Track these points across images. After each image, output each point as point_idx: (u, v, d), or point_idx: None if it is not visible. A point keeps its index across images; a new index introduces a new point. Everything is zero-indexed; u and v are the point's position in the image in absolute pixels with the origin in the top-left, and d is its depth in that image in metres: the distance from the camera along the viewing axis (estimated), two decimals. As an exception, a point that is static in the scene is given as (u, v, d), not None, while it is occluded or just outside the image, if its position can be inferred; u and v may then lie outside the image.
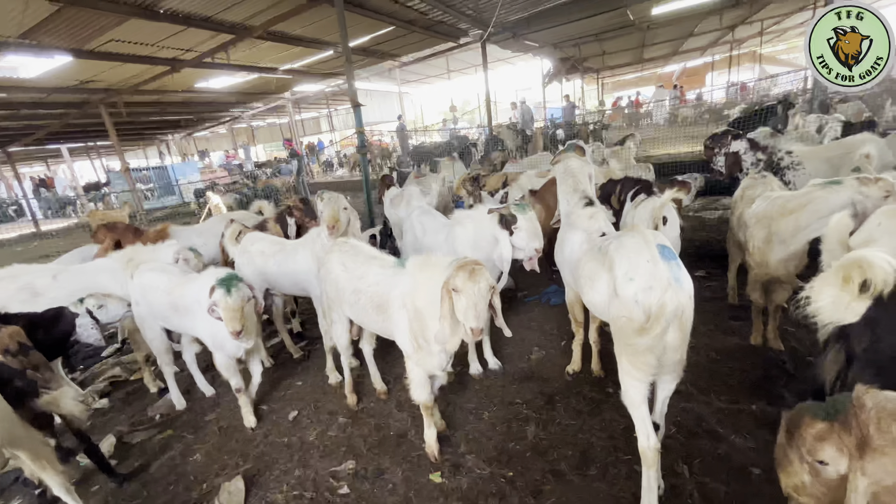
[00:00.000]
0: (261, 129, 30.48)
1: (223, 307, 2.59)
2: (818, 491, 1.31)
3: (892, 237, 2.09)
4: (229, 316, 2.58)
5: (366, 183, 7.24)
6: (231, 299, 2.59)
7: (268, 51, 10.09)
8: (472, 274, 2.07)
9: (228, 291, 2.58)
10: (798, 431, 1.32)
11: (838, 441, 1.24)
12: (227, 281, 2.62)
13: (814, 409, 1.33)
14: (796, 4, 14.21)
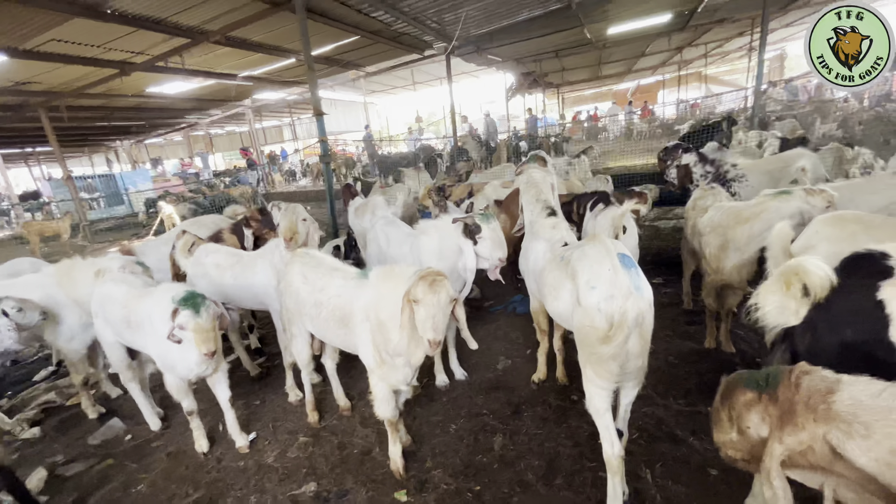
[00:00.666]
0: (219, 137, 29.38)
1: (194, 329, 2.40)
2: (742, 447, 1.51)
3: (829, 243, 2.24)
4: (202, 338, 2.41)
5: (329, 192, 7.09)
6: (202, 319, 2.41)
7: (226, 56, 9.77)
8: (433, 285, 2.04)
9: (197, 311, 2.41)
10: (730, 397, 1.51)
11: (763, 411, 1.42)
12: (192, 300, 2.43)
13: (748, 379, 1.49)
14: (734, 30, 15.40)
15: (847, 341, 1.56)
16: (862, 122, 8.36)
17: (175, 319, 2.42)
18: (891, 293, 1.52)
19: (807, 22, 16.44)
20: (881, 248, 1.65)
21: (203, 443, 2.93)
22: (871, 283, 1.55)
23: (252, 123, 18.12)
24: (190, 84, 12.23)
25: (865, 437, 1.21)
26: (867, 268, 1.61)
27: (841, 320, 1.57)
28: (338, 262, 2.77)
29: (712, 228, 3.20)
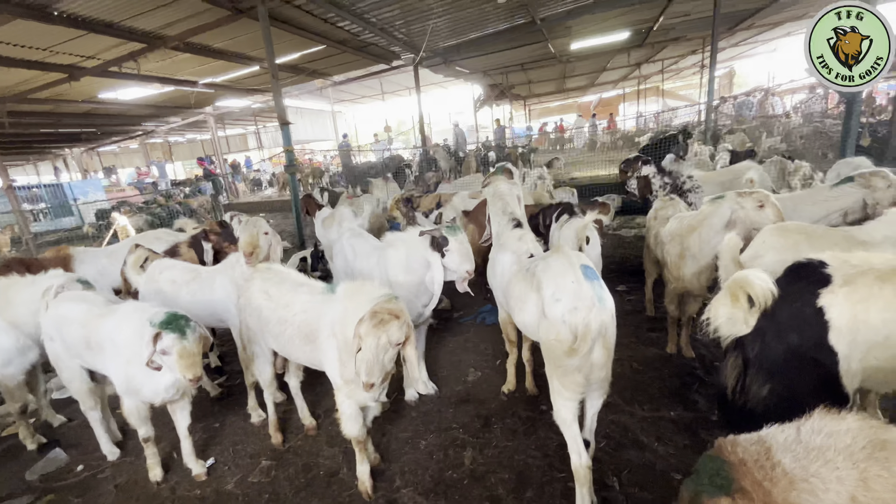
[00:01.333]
0: (179, 146, 28.25)
1: (180, 354, 2.21)
2: None
3: (775, 252, 2.37)
4: (187, 363, 2.22)
5: (295, 203, 6.94)
6: (188, 343, 2.23)
7: (185, 63, 9.45)
8: (380, 324, 1.98)
9: (183, 334, 2.23)
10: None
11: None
12: (175, 322, 2.26)
13: (705, 488, 1.25)
14: (688, 48, 16.35)
15: (792, 346, 1.64)
16: (803, 137, 8.99)
17: (157, 344, 2.23)
18: (829, 300, 1.61)
19: (753, 42, 17.67)
20: (820, 256, 1.75)
21: (157, 472, 2.74)
22: (812, 291, 1.65)
23: (214, 132, 17.53)
24: (146, 90, 11.73)
25: (825, 490, 1.11)
26: (808, 276, 1.71)
27: (786, 327, 1.65)
28: (303, 277, 2.69)
29: (672, 237, 3.33)
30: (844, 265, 1.68)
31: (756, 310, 1.64)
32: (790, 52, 21.49)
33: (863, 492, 1.06)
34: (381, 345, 1.97)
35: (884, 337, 1.56)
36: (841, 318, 1.58)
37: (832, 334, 1.59)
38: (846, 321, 1.58)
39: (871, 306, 1.57)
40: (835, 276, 1.65)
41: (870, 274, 1.62)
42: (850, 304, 1.59)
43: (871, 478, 1.06)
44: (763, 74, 22.17)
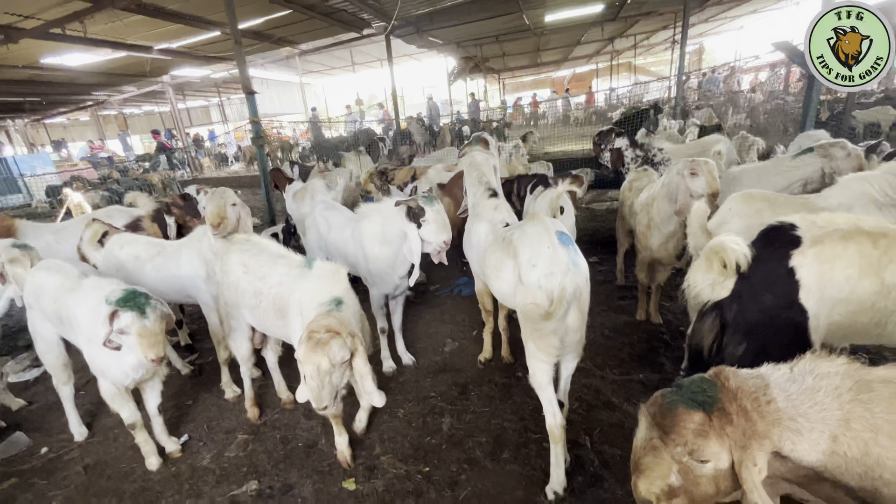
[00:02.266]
0: (136, 118, 26.62)
1: (139, 333, 2.08)
2: (690, 492, 1.20)
3: (740, 218, 2.46)
4: (149, 342, 2.09)
5: (263, 177, 6.69)
6: (149, 322, 2.10)
7: (137, 25, 8.74)
8: (317, 346, 1.84)
9: (143, 312, 2.09)
10: (676, 429, 1.18)
11: (720, 434, 1.14)
12: (133, 299, 2.12)
13: (683, 400, 1.20)
14: (660, 23, 16.39)
15: (767, 306, 1.71)
16: (766, 112, 9.29)
17: (114, 323, 2.09)
18: (799, 261, 1.68)
19: (722, 18, 17.89)
20: (790, 219, 1.82)
21: (154, 460, 2.59)
22: (784, 253, 1.71)
23: (174, 103, 16.50)
24: (95, 56, 10.86)
25: (810, 429, 1.11)
26: (779, 239, 1.77)
27: (761, 288, 1.72)
28: (282, 250, 2.60)
29: (641, 208, 3.41)
30: (812, 226, 1.74)
31: (733, 273, 1.70)
32: (756, 29, 22.00)
33: (844, 431, 1.09)
34: (323, 369, 1.83)
35: (847, 293, 1.65)
36: (810, 277, 1.66)
37: (802, 293, 1.66)
38: (815, 280, 1.66)
39: (836, 265, 1.65)
40: (804, 238, 1.72)
41: (835, 234, 1.69)
42: (818, 263, 1.66)
43: (854, 418, 1.09)
44: (730, 51, 22.62)
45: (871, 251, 1.64)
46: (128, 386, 2.44)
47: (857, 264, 1.65)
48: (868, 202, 2.51)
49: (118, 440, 2.90)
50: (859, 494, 1.11)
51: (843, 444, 1.08)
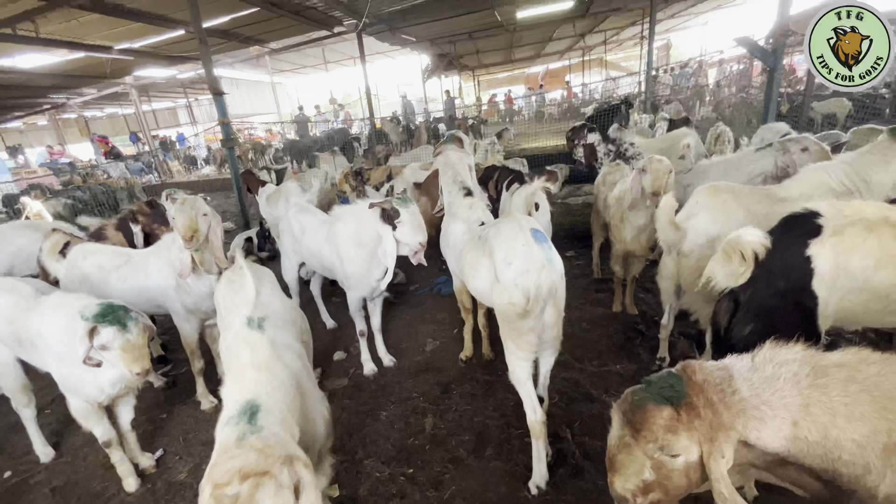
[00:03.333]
0: (98, 121, 25.50)
1: (122, 348, 2.01)
2: (663, 486, 1.22)
3: (706, 211, 2.54)
4: (133, 356, 2.02)
5: (236, 181, 6.52)
6: (132, 335, 2.03)
7: (95, 25, 8.38)
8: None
9: (124, 326, 2.02)
10: (646, 425, 1.19)
11: (689, 428, 1.16)
12: (112, 314, 2.04)
13: (653, 396, 1.22)
14: (628, 20, 16.73)
15: (780, 290, 1.76)
16: (731, 105, 9.60)
17: (94, 339, 2.01)
18: (816, 250, 1.73)
19: (687, 14, 18.38)
20: (817, 206, 1.85)
21: (131, 481, 2.48)
22: (803, 241, 1.76)
23: (138, 105, 15.89)
24: (51, 57, 10.37)
25: (772, 417, 1.14)
26: (800, 227, 1.82)
27: (775, 274, 1.76)
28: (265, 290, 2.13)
29: (615, 202, 3.48)
30: (838, 215, 1.78)
31: (751, 263, 1.72)
32: (719, 25, 22.73)
33: (804, 416, 1.13)
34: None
35: (861, 283, 1.71)
36: (825, 267, 1.71)
37: (815, 280, 1.72)
38: (830, 269, 1.70)
39: (853, 256, 1.69)
40: (825, 227, 1.76)
41: (859, 224, 1.73)
42: (835, 253, 1.71)
43: (812, 403, 1.13)
44: (696, 46, 23.27)
45: (891, 244, 1.69)
46: (102, 403, 2.35)
47: (876, 256, 1.69)
48: (826, 191, 2.63)
49: (87, 459, 2.79)
50: (822, 476, 1.15)
51: (804, 429, 1.12)
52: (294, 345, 1.89)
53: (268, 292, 2.09)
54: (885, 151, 2.59)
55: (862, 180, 2.61)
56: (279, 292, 2.23)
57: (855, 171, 2.63)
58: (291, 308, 2.14)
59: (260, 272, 2.30)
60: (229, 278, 2.24)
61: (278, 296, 2.17)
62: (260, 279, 2.13)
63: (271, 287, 2.21)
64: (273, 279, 2.35)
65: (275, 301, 2.06)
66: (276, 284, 2.32)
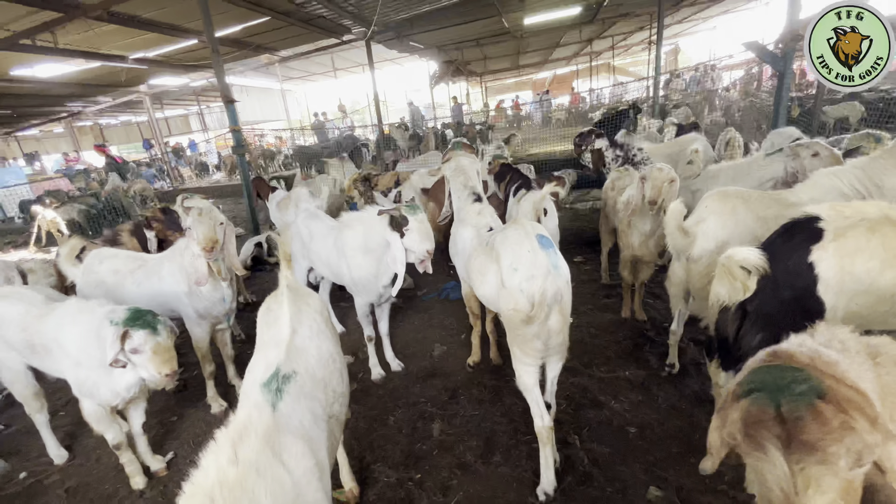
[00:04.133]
0: (113, 129, 26.02)
1: (153, 350, 2.10)
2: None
3: (715, 216, 2.53)
4: (164, 358, 2.12)
5: (246, 187, 6.61)
6: (162, 338, 2.13)
7: (111, 35, 8.60)
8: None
9: (155, 329, 2.11)
10: (827, 436, 0.87)
11: (864, 422, 0.88)
12: (142, 318, 2.12)
13: (793, 397, 0.94)
14: (636, 24, 16.69)
15: (786, 298, 1.76)
16: (740, 110, 9.52)
17: (126, 343, 2.09)
18: (819, 255, 1.72)
19: (696, 19, 18.29)
20: (816, 210, 1.84)
21: (139, 479, 2.54)
22: (805, 248, 1.75)
23: (151, 112, 16.21)
24: (68, 66, 10.63)
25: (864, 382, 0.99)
26: (801, 233, 1.81)
27: (780, 283, 1.75)
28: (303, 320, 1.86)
29: (622, 207, 3.47)
30: (839, 217, 1.77)
31: (754, 276, 1.71)
32: (729, 29, 22.58)
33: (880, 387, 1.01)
34: None
35: (867, 285, 1.69)
36: (829, 271, 1.69)
37: (820, 286, 1.70)
38: (834, 273, 1.69)
39: (857, 258, 1.68)
40: (826, 231, 1.74)
41: (861, 226, 1.71)
42: (838, 257, 1.69)
43: (882, 375, 1.04)
44: (705, 51, 23.18)
45: (894, 244, 1.67)
46: (116, 406, 2.40)
47: (880, 257, 1.68)
48: (837, 196, 2.60)
49: (100, 461, 2.83)
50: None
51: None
52: (313, 430, 1.42)
53: (306, 334, 1.69)
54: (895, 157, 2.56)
55: (875, 185, 2.58)
56: (322, 330, 1.81)
57: (867, 175, 2.60)
58: (330, 358, 1.72)
59: (303, 301, 1.89)
60: (268, 305, 1.89)
61: (319, 338, 1.74)
62: (300, 311, 1.78)
63: (312, 324, 1.77)
64: (318, 309, 1.93)
65: (311, 347, 1.66)
66: (322, 317, 1.90)
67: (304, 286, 2.13)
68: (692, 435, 2.46)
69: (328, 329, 1.88)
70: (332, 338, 1.87)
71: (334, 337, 1.92)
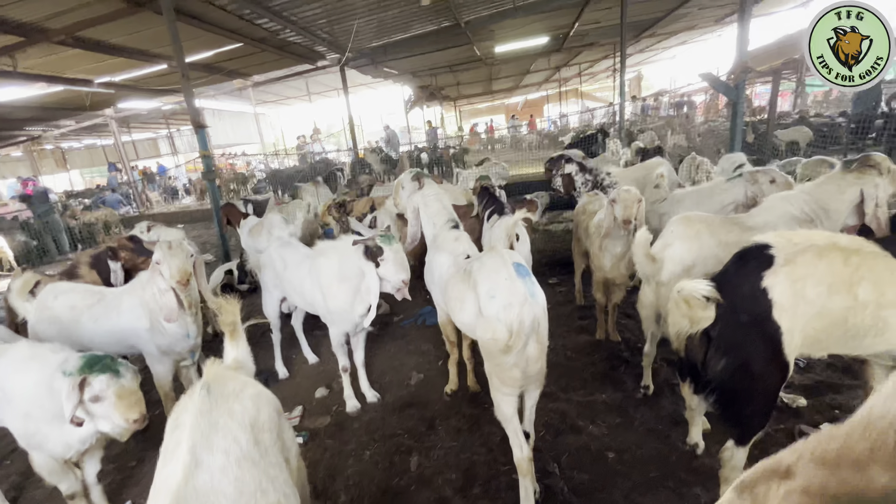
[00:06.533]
0: (76, 152, 25.09)
1: (118, 395, 1.91)
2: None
3: (680, 241, 2.62)
4: (129, 402, 1.93)
5: (216, 212, 6.45)
6: (126, 380, 1.96)
7: (76, 59, 8.39)
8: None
9: (117, 373, 1.94)
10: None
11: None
12: (99, 362, 1.95)
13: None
14: (601, 53, 17.59)
15: (744, 324, 1.80)
16: (700, 134, 10.06)
17: (85, 392, 1.90)
18: (771, 281, 1.78)
19: (656, 49, 19.40)
20: (766, 239, 1.92)
21: None
22: (757, 274, 1.81)
23: (118, 136, 15.75)
24: (29, 90, 10.29)
25: None
26: (753, 260, 1.87)
27: (739, 308, 1.80)
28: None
29: (594, 231, 3.56)
30: (788, 244, 1.84)
31: (711, 307, 1.75)
32: (687, 58, 24.13)
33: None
34: None
35: (819, 308, 1.76)
36: (783, 296, 1.75)
37: (776, 311, 1.75)
38: (787, 298, 1.74)
39: (808, 282, 1.74)
40: (777, 257, 1.81)
41: (810, 251, 1.79)
42: (790, 282, 1.76)
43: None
44: (666, 78, 24.57)
45: (841, 269, 1.75)
46: (69, 459, 2.22)
47: (828, 281, 1.75)
48: (789, 219, 2.75)
49: (50, 514, 2.61)
50: None
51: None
52: None
53: (218, 465, 1.21)
54: (839, 182, 2.73)
55: (822, 209, 2.74)
56: (248, 454, 1.30)
57: (815, 199, 2.76)
58: (260, 493, 1.23)
59: (227, 406, 1.38)
60: (175, 416, 1.43)
61: (241, 467, 1.24)
62: (215, 428, 1.29)
63: (231, 447, 1.27)
64: (249, 419, 1.39)
65: (225, 486, 1.18)
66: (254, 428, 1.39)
67: (241, 374, 1.67)
68: (669, 457, 2.47)
69: (265, 445, 1.38)
70: (273, 455, 1.39)
71: (277, 450, 1.44)
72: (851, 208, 2.69)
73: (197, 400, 1.37)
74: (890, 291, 1.75)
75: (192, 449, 1.22)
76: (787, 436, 2.49)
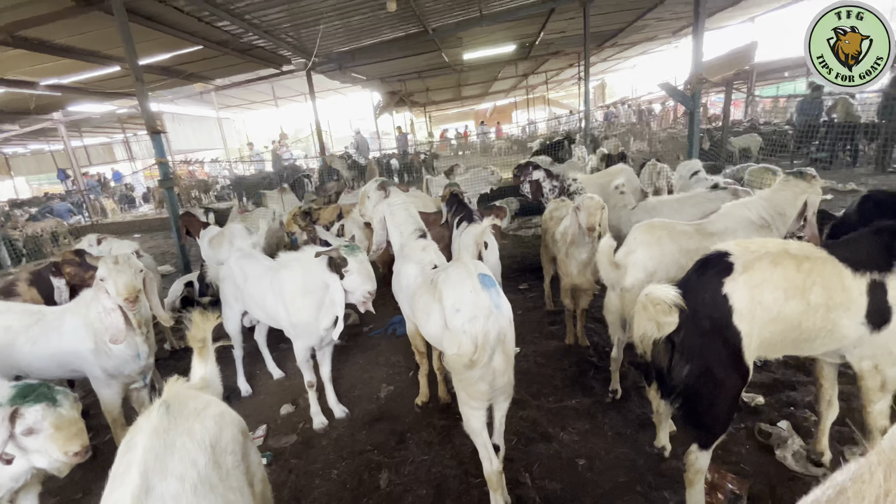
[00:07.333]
0: (20, 158, 23.53)
1: (55, 426, 1.72)
2: None
3: (643, 247, 2.67)
4: (70, 433, 1.73)
5: (175, 221, 6.15)
6: (64, 408, 1.76)
7: (16, 60, 7.86)
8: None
9: (55, 402, 1.74)
10: None
11: None
12: (34, 391, 1.75)
13: None
14: (566, 62, 18.09)
15: (706, 330, 1.83)
16: (661, 141, 10.45)
17: (17, 425, 1.69)
18: (731, 287, 1.82)
19: (618, 58, 20.10)
20: (725, 247, 1.97)
21: None
22: (718, 280, 1.85)
23: (67, 141, 14.87)
24: (-36, 92, 9.56)
25: None
26: (713, 267, 1.91)
27: (701, 314, 1.83)
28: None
29: (560, 237, 3.60)
30: (745, 252, 1.89)
31: (674, 312, 1.78)
32: (647, 68, 25.22)
33: None
34: None
35: (775, 313, 1.81)
36: (742, 302, 1.79)
37: (735, 317, 1.79)
38: (746, 303, 1.79)
39: (765, 288, 1.80)
40: (736, 264, 1.86)
41: (765, 258, 1.85)
42: (748, 288, 1.80)
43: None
44: (627, 86, 25.55)
45: (795, 275, 1.82)
46: (1, 498, 2.01)
47: (783, 287, 1.81)
48: (748, 224, 2.87)
49: (-20, 559, 2.36)
50: None
51: None
52: None
53: (172, 491, 1.14)
54: (793, 189, 2.87)
55: (778, 214, 2.87)
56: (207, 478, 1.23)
57: (773, 206, 2.89)
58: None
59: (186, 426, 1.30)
60: (129, 437, 1.32)
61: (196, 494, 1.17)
62: (171, 450, 1.21)
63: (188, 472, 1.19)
64: (210, 439, 1.32)
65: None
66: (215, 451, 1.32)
67: (203, 393, 1.58)
68: (637, 461, 2.50)
69: (227, 468, 1.31)
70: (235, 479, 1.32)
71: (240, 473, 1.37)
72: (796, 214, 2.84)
73: (154, 418, 1.28)
74: (838, 294, 1.83)
75: (143, 473, 1.13)
76: (748, 435, 2.57)
